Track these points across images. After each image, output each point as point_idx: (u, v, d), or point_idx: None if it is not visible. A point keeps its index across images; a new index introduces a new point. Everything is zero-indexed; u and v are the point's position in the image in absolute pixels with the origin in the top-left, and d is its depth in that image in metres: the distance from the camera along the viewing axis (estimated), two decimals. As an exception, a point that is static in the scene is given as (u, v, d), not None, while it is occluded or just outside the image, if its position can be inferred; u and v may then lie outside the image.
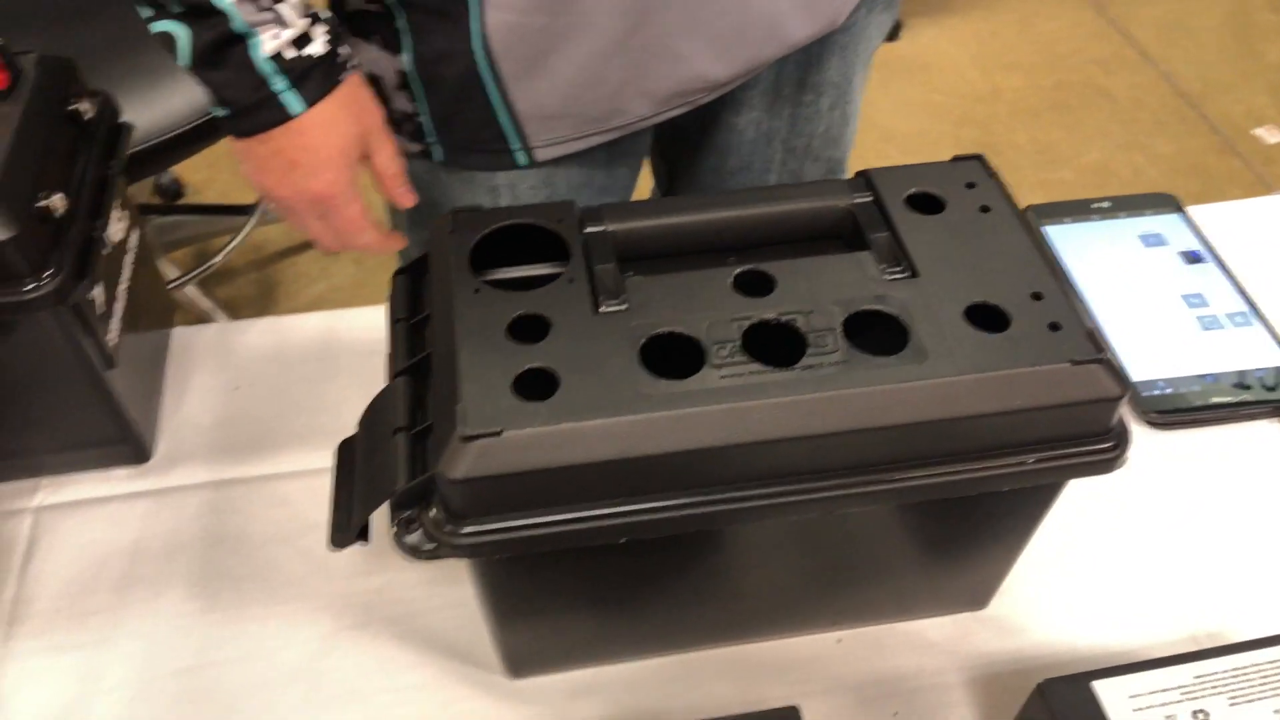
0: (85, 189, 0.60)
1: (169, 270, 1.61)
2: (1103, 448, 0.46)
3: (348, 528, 0.47)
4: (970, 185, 0.52)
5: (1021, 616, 0.59)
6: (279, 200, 0.64)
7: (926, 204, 0.51)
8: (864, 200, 0.52)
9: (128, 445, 0.66)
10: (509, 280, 0.48)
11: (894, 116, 2.03)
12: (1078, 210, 0.81)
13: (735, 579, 0.54)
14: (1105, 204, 0.81)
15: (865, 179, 0.53)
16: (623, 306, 0.46)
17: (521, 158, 0.70)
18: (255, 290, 1.72)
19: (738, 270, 0.48)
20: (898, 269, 0.48)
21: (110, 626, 0.59)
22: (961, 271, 0.48)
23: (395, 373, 0.49)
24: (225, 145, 0.63)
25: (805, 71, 0.77)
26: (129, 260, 0.67)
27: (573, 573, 0.50)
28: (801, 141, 0.81)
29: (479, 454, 0.41)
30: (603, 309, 0.46)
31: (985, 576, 0.57)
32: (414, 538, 0.44)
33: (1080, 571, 0.61)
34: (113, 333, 0.62)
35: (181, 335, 0.75)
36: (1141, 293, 0.75)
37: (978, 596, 0.59)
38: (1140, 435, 0.67)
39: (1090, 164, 1.95)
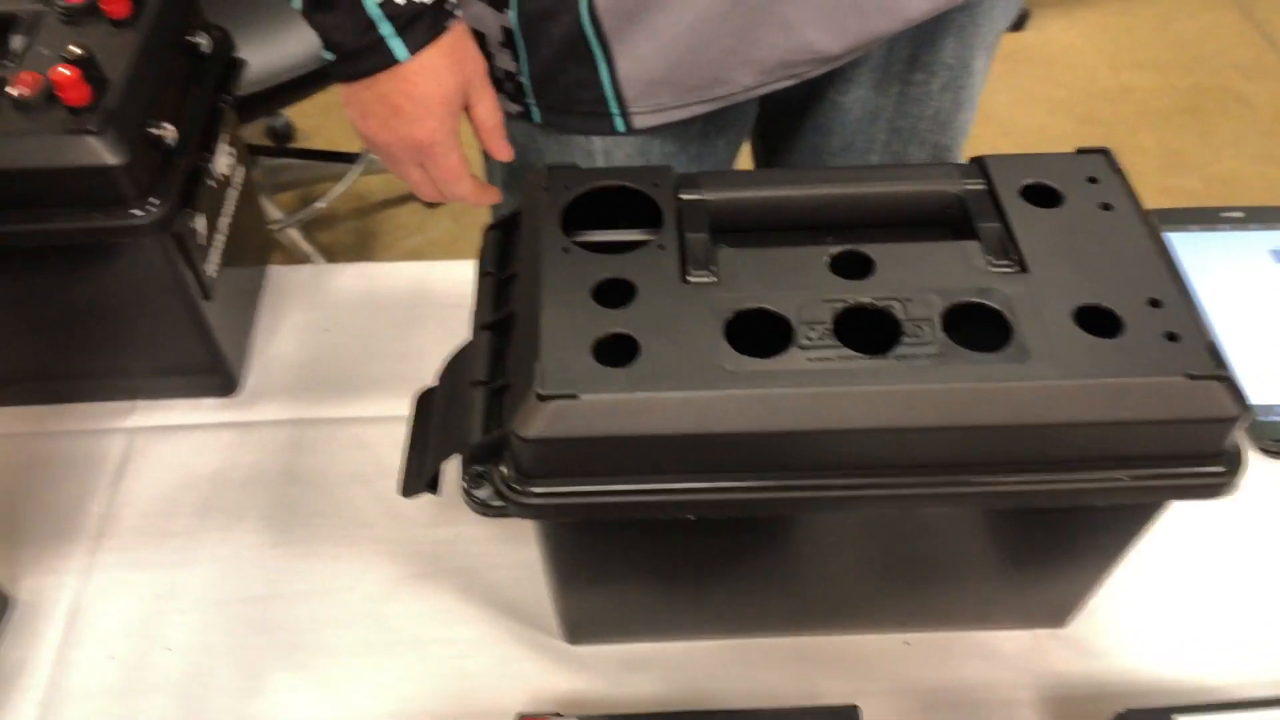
0: (196, 121, 0.62)
1: (273, 211, 1.66)
2: (1212, 471, 0.43)
3: (419, 477, 0.47)
4: (1092, 180, 0.49)
5: (1104, 639, 0.56)
6: (380, 146, 0.64)
7: (1043, 196, 0.49)
8: (976, 187, 0.49)
9: (217, 376, 0.68)
10: (599, 243, 0.47)
11: (1014, 110, 1.95)
12: (1205, 218, 0.76)
13: (804, 569, 0.53)
14: (1237, 213, 0.76)
15: (979, 165, 0.50)
16: (712, 278, 0.45)
17: (619, 123, 0.69)
18: (354, 238, 1.76)
19: (835, 250, 0.46)
20: (1006, 262, 0.46)
21: (189, 549, 0.61)
22: (1075, 270, 0.45)
23: (478, 327, 0.49)
24: (336, 93, 0.64)
25: (918, 49, 0.73)
26: (233, 195, 0.68)
27: (639, 545, 0.49)
28: (908, 123, 0.77)
29: (553, 415, 0.41)
30: (691, 279, 0.45)
31: (1069, 593, 0.55)
32: (483, 493, 0.44)
33: (1172, 599, 0.58)
34: (212, 265, 0.63)
35: (277, 274, 0.77)
36: (1268, 310, 0.70)
37: (1058, 613, 0.56)
38: (1254, 463, 0.63)
39: (1220, 173, 1.84)
